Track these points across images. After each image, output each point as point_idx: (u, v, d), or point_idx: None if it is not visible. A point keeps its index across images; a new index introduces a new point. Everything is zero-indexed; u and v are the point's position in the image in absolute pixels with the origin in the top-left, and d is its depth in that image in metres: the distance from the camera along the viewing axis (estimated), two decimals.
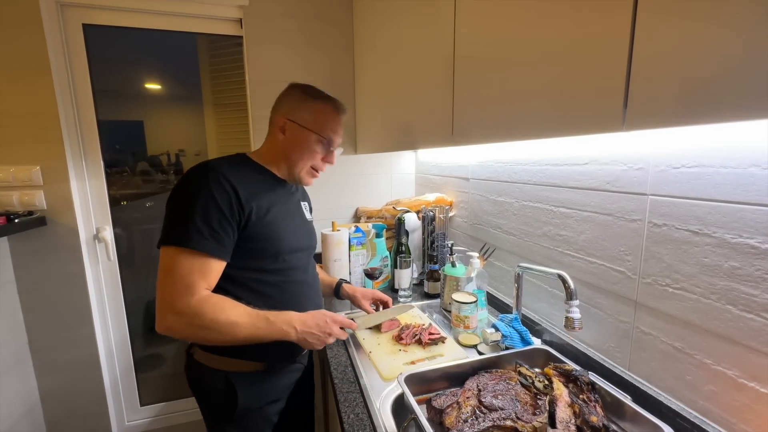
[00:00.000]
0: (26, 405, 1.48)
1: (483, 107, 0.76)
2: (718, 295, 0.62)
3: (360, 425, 0.71)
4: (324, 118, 0.91)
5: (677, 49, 0.39)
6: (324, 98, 0.93)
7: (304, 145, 0.91)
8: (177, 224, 0.75)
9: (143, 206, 1.91)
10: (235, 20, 1.62)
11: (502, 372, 0.84)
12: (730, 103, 0.35)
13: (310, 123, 0.90)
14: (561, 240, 0.94)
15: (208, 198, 0.76)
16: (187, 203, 0.76)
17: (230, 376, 0.85)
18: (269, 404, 0.91)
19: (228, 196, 0.78)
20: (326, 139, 0.92)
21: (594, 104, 0.49)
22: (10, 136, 1.37)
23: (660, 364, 0.72)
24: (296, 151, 0.91)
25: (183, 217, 0.75)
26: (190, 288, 0.74)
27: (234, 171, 0.82)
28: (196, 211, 0.75)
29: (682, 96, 0.39)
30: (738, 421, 0.60)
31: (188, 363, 0.92)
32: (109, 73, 1.65)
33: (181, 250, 0.74)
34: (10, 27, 1.32)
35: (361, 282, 1.41)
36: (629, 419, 0.69)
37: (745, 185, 0.57)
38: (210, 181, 0.77)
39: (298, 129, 0.90)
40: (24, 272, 1.45)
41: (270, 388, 0.91)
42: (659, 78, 0.41)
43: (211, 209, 0.76)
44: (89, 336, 1.57)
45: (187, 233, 0.74)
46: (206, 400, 0.90)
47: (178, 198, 0.78)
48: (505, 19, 0.67)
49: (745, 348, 0.59)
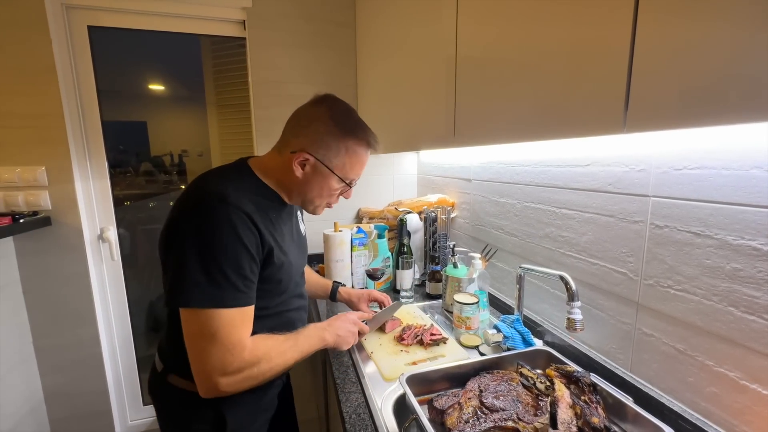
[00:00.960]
0: (30, 403, 1.49)
1: (485, 109, 0.76)
2: (720, 296, 0.62)
3: (362, 425, 0.72)
4: (355, 161, 0.80)
5: (677, 52, 0.39)
6: (358, 133, 0.79)
7: (324, 186, 0.80)
8: (207, 280, 0.65)
9: (147, 206, 1.92)
10: (238, 22, 1.63)
11: (503, 373, 0.84)
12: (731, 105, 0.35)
13: (338, 167, 0.78)
14: (563, 241, 0.94)
15: (238, 244, 0.67)
16: (213, 250, 0.66)
17: (217, 401, 0.75)
18: (253, 423, 0.84)
19: (254, 237, 0.70)
20: (348, 182, 0.82)
21: (595, 106, 0.50)
22: (16, 136, 1.38)
23: (662, 365, 0.72)
24: (315, 191, 0.80)
25: (211, 270, 0.65)
26: (238, 345, 0.68)
27: (250, 202, 0.72)
28: (227, 262, 0.66)
29: (682, 99, 0.39)
30: (740, 423, 0.60)
31: (160, 388, 0.81)
32: (112, 74, 1.66)
33: (216, 312, 0.66)
34: (17, 28, 1.34)
35: (363, 282, 1.41)
36: (631, 421, 0.69)
37: (747, 187, 0.57)
38: (236, 224, 0.68)
39: (322, 169, 0.77)
40: (28, 272, 1.47)
41: (256, 409, 0.84)
42: (660, 81, 0.41)
43: (242, 256, 0.68)
44: (93, 335, 1.58)
45: (222, 292, 0.66)
46: (186, 428, 0.80)
47: (197, 241, 0.66)
48: (507, 22, 0.67)
49: (747, 350, 0.59)
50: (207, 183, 0.74)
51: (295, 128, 0.78)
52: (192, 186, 0.74)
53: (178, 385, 0.78)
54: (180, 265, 0.66)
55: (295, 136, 0.78)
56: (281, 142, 0.81)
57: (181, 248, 0.66)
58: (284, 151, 0.78)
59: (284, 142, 0.80)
